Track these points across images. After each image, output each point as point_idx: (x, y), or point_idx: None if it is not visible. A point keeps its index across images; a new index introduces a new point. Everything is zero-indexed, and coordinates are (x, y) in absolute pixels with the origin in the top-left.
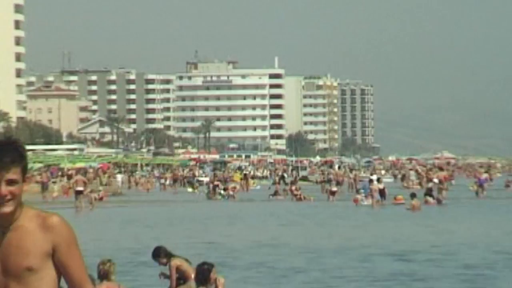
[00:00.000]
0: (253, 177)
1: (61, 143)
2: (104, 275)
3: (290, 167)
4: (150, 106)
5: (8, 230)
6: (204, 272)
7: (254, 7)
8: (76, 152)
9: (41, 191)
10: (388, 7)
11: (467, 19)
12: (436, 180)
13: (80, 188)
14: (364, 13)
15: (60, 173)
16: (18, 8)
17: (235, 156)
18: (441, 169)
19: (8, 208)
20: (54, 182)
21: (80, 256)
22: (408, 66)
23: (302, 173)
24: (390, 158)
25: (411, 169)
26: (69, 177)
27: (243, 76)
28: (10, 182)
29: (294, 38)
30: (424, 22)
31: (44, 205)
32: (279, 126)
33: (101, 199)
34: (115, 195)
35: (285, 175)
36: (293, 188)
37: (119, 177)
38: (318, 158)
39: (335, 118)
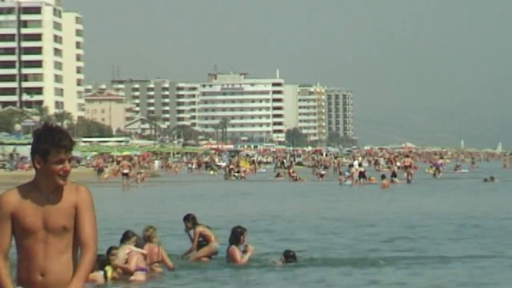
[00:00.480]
0: (259, 163)
1: (111, 136)
2: (147, 239)
3: (288, 155)
4: (180, 107)
5: (51, 196)
6: (236, 233)
7: (262, 32)
8: (123, 143)
9: (97, 173)
10: (368, 29)
11: (431, 35)
12: (398, 164)
13: (126, 171)
14: (348, 35)
15: (110, 159)
16: (78, 32)
17: (246, 146)
18: (407, 156)
19: (67, 180)
20: (106, 167)
21: (94, 221)
22: (381, 76)
23: (298, 159)
24: (366, 147)
25: (381, 156)
26: (118, 162)
27: (252, 84)
28: (70, 160)
29: (291, 55)
30: (395, 42)
31: (98, 184)
32: (279, 123)
33: (142, 179)
34: (153, 176)
35: (284, 161)
36: (291, 171)
37: (156, 162)
38: (310, 148)
39: (323, 117)
